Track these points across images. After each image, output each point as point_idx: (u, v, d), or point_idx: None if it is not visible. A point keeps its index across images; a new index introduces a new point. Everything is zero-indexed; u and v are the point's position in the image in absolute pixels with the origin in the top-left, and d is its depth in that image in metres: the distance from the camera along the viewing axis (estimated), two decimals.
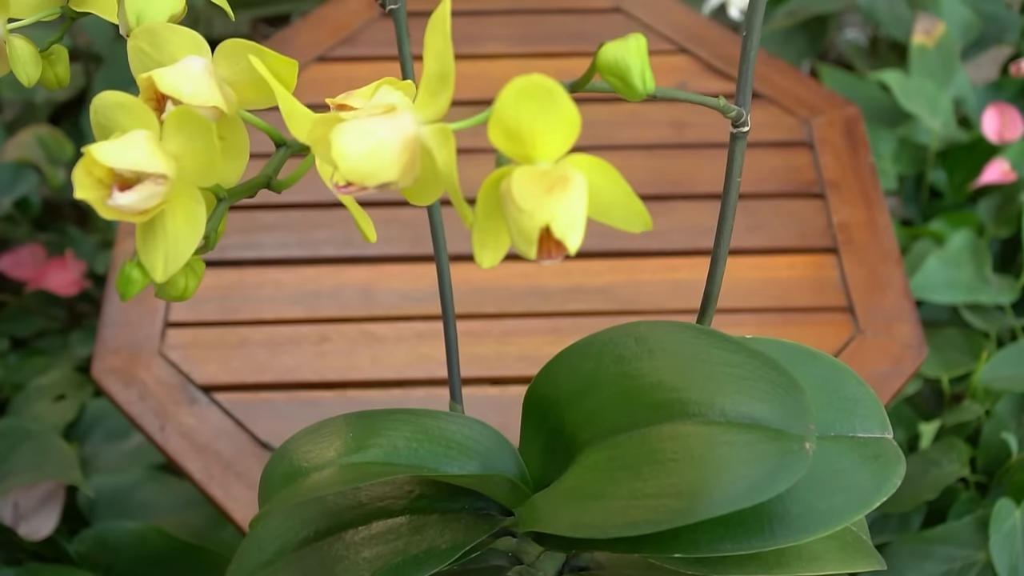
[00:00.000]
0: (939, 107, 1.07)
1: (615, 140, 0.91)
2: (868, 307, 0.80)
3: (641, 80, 0.34)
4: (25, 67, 0.46)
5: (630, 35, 0.34)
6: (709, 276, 0.45)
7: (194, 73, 0.36)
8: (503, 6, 1.03)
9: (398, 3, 0.45)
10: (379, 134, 0.33)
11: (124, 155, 0.34)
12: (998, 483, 0.85)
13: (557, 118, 0.31)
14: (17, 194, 1.09)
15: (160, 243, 0.37)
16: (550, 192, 0.30)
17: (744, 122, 0.39)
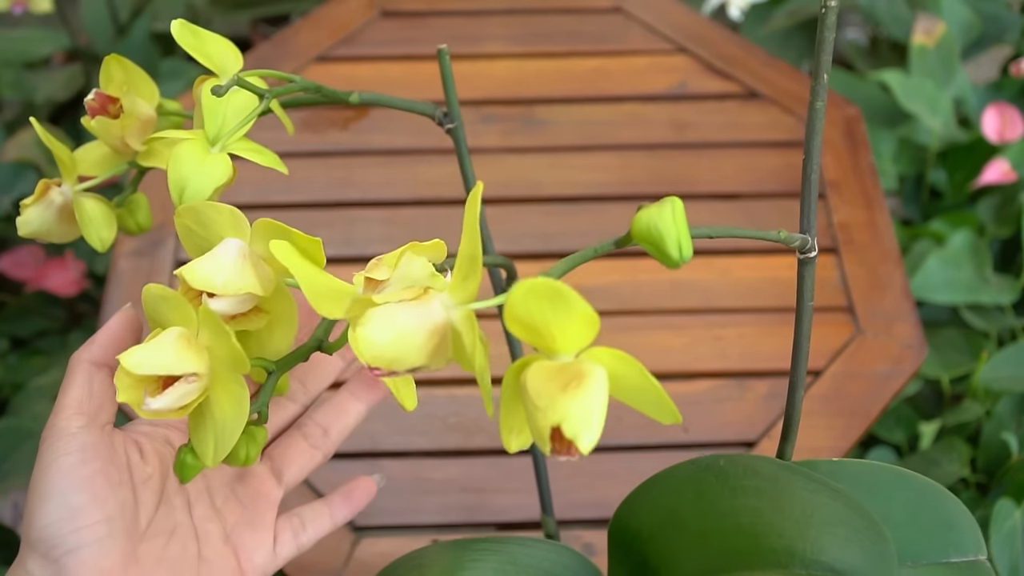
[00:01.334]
0: (939, 107, 1.07)
1: (615, 140, 0.91)
2: (868, 307, 0.80)
3: (677, 248, 0.33)
4: (98, 230, 0.44)
5: (667, 200, 0.33)
6: (788, 401, 0.42)
7: (226, 262, 0.37)
8: (503, 6, 1.03)
9: (455, 123, 0.45)
10: (404, 322, 0.32)
11: (152, 361, 0.34)
12: (998, 483, 0.85)
13: (571, 317, 0.30)
14: (17, 194, 1.09)
15: (209, 428, 0.37)
16: (564, 390, 0.29)
17: (811, 248, 0.37)
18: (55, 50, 1.26)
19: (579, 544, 0.69)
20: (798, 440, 0.74)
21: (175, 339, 0.35)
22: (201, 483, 0.42)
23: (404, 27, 1.01)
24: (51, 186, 0.45)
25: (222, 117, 0.41)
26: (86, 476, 0.37)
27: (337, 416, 0.47)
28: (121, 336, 0.40)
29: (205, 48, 0.42)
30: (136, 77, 0.44)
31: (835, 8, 0.33)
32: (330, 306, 0.36)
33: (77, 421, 0.38)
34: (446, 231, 0.86)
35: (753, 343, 0.78)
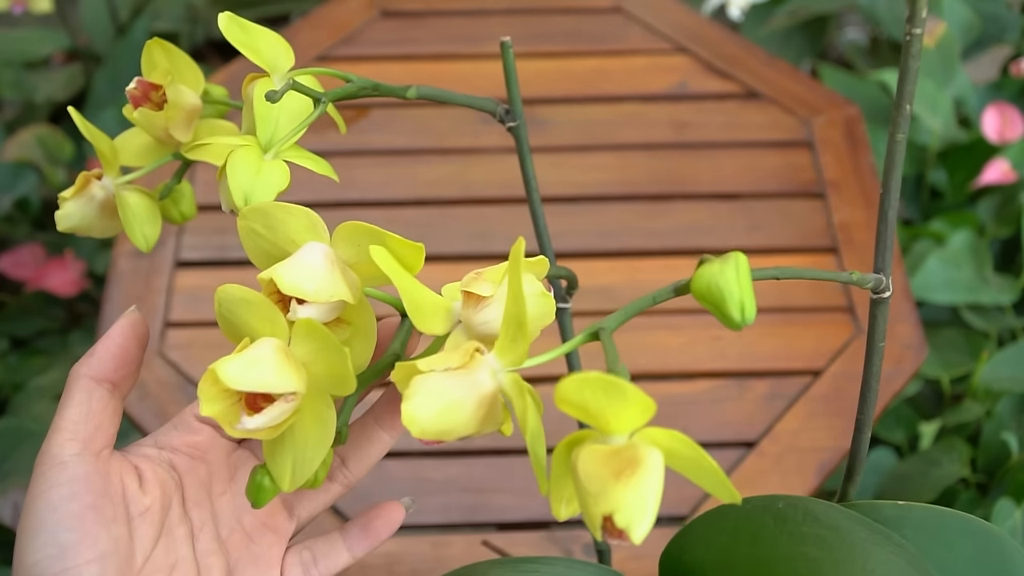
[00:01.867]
0: (939, 107, 1.07)
1: (616, 140, 0.91)
2: (868, 307, 0.80)
3: (739, 310, 0.31)
4: (142, 227, 0.41)
5: (730, 256, 0.31)
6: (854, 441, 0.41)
7: (315, 268, 0.34)
8: (503, 6, 1.03)
9: (517, 121, 0.42)
10: (451, 394, 0.30)
11: (253, 377, 0.31)
12: (998, 483, 0.85)
13: (626, 405, 0.29)
14: (17, 194, 1.09)
15: (288, 450, 0.34)
16: (617, 477, 0.28)
17: (884, 288, 0.36)
18: (55, 50, 1.26)
19: (579, 544, 0.69)
20: (798, 439, 0.74)
21: (274, 352, 0.32)
22: (207, 512, 0.39)
23: (404, 27, 1.01)
24: (91, 179, 0.42)
25: (275, 122, 0.38)
26: (76, 512, 0.34)
27: (359, 444, 0.41)
28: (124, 347, 0.37)
29: (255, 44, 0.39)
30: (180, 63, 0.41)
31: (920, 36, 0.31)
32: (432, 322, 0.34)
33: (71, 448, 0.35)
34: (446, 231, 0.86)
35: (752, 343, 0.78)
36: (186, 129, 0.41)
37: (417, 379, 0.30)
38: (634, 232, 0.85)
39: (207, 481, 0.39)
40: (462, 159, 0.90)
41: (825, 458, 0.72)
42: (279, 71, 0.39)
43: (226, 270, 0.83)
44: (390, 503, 0.43)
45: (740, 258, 0.31)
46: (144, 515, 0.37)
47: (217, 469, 0.40)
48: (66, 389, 0.37)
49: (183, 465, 0.39)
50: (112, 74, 1.20)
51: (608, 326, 0.32)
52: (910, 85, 0.32)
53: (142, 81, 0.41)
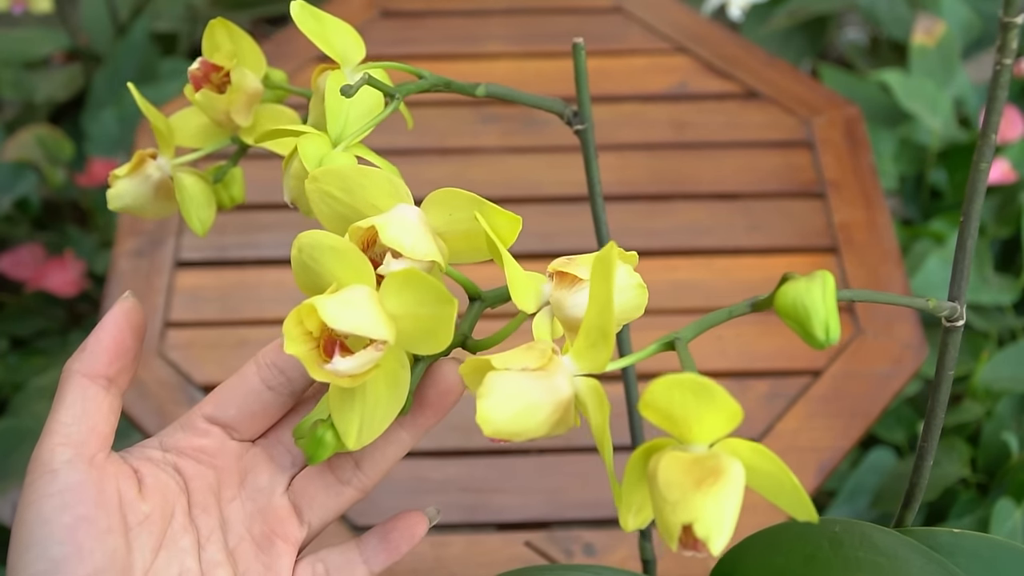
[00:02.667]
0: (939, 107, 1.07)
1: (616, 139, 0.91)
2: (868, 307, 0.80)
3: (824, 330, 0.30)
4: (199, 211, 0.41)
5: (817, 274, 0.30)
6: (915, 469, 0.40)
7: (413, 224, 0.33)
8: (503, 6, 1.03)
9: (585, 124, 0.42)
10: (529, 396, 0.29)
11: (351, 318, 0.31)
12: (998, 483, 0.85)
13: (715, 410, 0.28)
14: (17, 194, 1.09)
15: (358, 408, 0.33)
16: (699, 486, 0.27)
17: (959, 316, 0.35)
18: (55, 50, 1.26)
19: (579, 544, 0.69)
20: (797, 439, 0.74)
21: (368, 299, 0.31)
22: (215, 519, 0.36)
23: (404, 27, 1.01)
24: (146, 158, 0.40)
25: (345, 116, 0.37)
26: (68, 524, 0.32)
27: (375, 445, 0.37)
28: (118, 338, 0.35)
29: (327, 34, 0.38)
30: (244, 45, 0.40)
31: (1010, 66, 0.31)
32: (526, 296, 0.33)
33: (62, 453, 0.33)
34: None
35: (753, 343, 0.78)
36: (247, 113, 0.40)
37: (493, 377, 0.29)
38: (634, 232, 0.85)
39: (215, 486, 0.37)
40: (462, 159, 0.90)
41: (825, 458, 0.72)
42: (350, 63, 0.39)
43: (225, 270, 0.83)
44: (412, 513, 0.40)
45: (827, 277, 0.30)
46: (143, 524, 0.34)
47: (226, 474, 0.37)
48: (59, 388, 0.35)
49: (189, 469, 0.37)
50: (112, 74, 1.20)
51: (684, 336, 0.32)
52: (996, 115, 0.31)
53: (205, 62, 0.40)
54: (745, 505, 0.28)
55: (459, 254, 0.35)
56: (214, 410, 0.37)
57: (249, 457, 0.38)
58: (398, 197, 0.34)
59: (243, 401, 0.37)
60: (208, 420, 0.37)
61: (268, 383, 0.37)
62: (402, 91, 0.38)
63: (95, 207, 1.14)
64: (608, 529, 0.69)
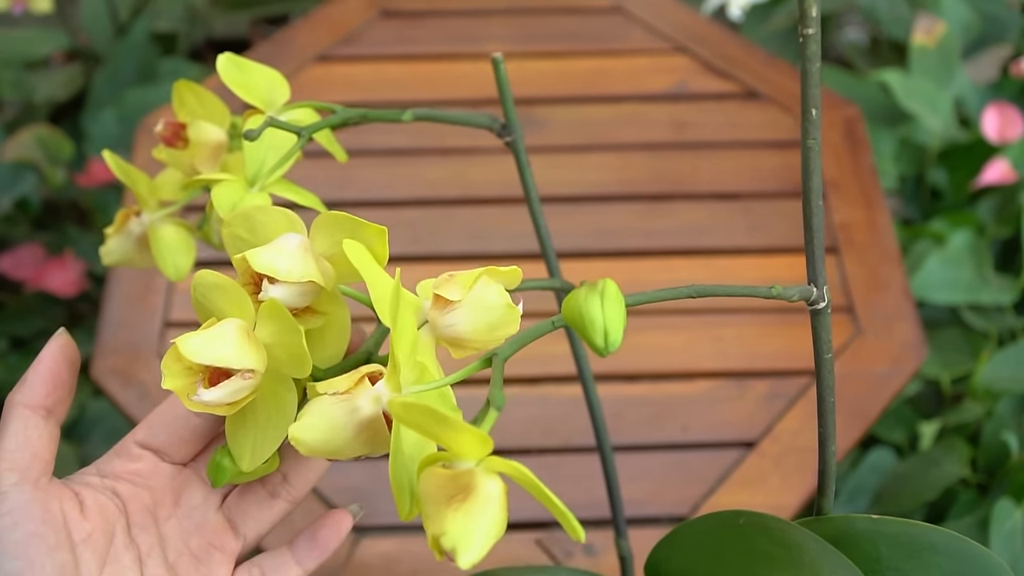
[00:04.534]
0: (939, 107, 1.07)
1: (615, 139, 0.91)
2: (868, 307, 0.80)
3: (602, 337, 0.32)
4: (173, 258, 0.43)
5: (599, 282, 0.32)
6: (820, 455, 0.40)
7: (289, 249, 0.35)
8: (503, 6, 1.03)
9: (513, 135, 0.44)
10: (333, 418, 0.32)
11: (211, 351, 0.33)
12: (998, 483, 0.85)
13: (460, 434, 0.29)
14: (17, 194, 1.09)
15: (250, 432, 0.36)
16: (449, 502, 0.29)
17: (818, 298, 0.35)
18: (55, 50, 1.26)
19: (578, 545, 0.69)
20: (797, 439, 0.74)
21: (235, 330, 0.34)
22: (154, 536, 0.39)
23: (404, 27, 1.01)
24: (130, 215, 0.44)
25: (262, 156, 0.40)
26: (19, 540, 0.35)
27: (298, 460, 0.42)
28: (54, 371, 0.38)
29: (250, 81, 0.40)
30: (206, 101, 0.43)
31: (813, 37, 0.31)
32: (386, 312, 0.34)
33: (8, 478, 0.36)
34: (447, 231, 0.86)
35: (752, 343, 0.78)
36: (213, 164, 0.42)
37: (311, 402, 0.32)
38: (634, 232, 0.85)
39: (151, 506, 0.40)
40: (462, 159, 0.90)
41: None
42: (274, 106, 0.41)
43: (226, 270, 0.83)
44: (337, 512, 0.43)
45: (608, 285, 0.32)
46: (87, 541, 0.37)
47: (161, 494, 0.40)
48: (3, 418, 0.37)
49: (126, 492, 0.39)
50: (112, 74, 1.20)
51: (502, 353, 0.33)
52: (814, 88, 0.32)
53: (169, 122, 0.42)
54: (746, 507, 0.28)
55: (350, 276, 0.37)
56: (145, 436, 0.40)
57: (182, 478, 0.41)
58: (292, 228, 0.36)
59: (172, 427, 0.40)
60: (140, 445, 0.40)
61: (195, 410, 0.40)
62: (308, 130, 0.40)
63: (95, 207, 1.14)
64: (608, 529, 0.69)
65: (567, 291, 0.43)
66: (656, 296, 0.34)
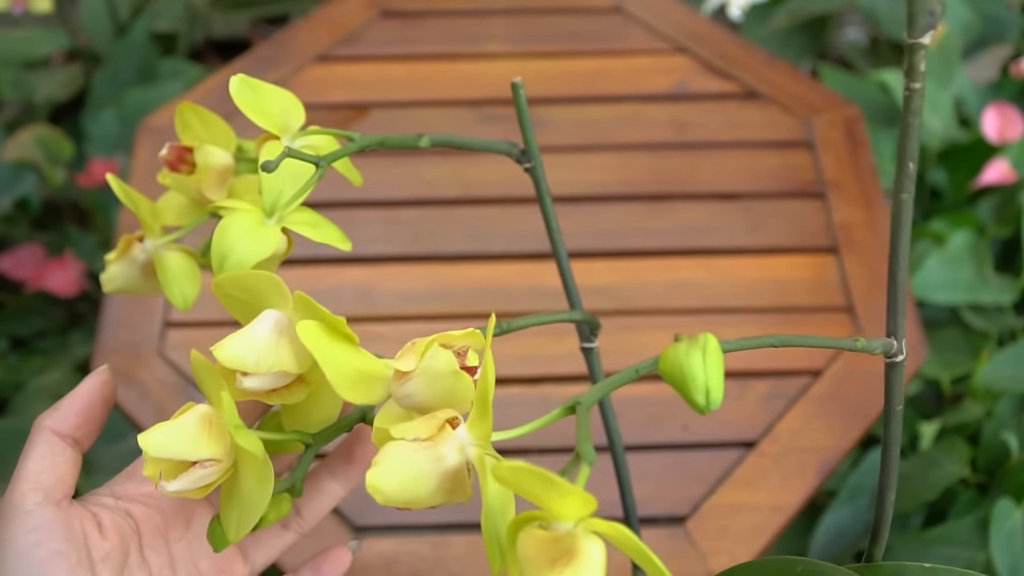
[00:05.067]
0: (939, 107, 1.07)
1: (616, 139, 0.91)
2: (868, 307, 0.80)
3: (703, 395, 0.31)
4: (180, 286, 0.43)
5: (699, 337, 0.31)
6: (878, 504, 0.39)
7: (259, 339, 0.35)
8: (503, 6, 1.03)
9: (532, 162, 0.42)
10: (416, 467, 0.31)
11: (169, 446, 0.34)
12: (998, 483, 0.85)
13: (564, 496, 0.28)
14: (17, 194, 1.09)
15: (235, 504, 0.36)
16: (552, 565, 0.28)
17: (897, 351, 0.35)
18: (55, 50, 1.26)
19: None
20: (797, 439, 0.74)
21: (197, 421, 0.35)
22: (165, 558, 0.41)
23: (404, 27, 1.01)
24: (133, 242, 0.43)
25: (279, 186, 0.39)
26: (43, 558, 0.36)
27: (311, 496, 0.44)
28: (90, 406, 0.39)
29: (264, 105, 0.40)
30: (212, 124, 0.43)
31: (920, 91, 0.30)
32: (359, 392, 0.34)
33: (33, 498, 0.37)
34: (447, 231, 0.86)
35: None
36: (220, 188, 0.42)
37: (387, 446, 0.31)
38: (634, 232, 0.85)
39: (163, 528, 0.41)
40: (462, 159, 0.90)
41: (825, 458, 0.72)
42: (289, 131, 0.40)
43: None
44: (337, 548, 0.45)
45: (709, 340, 0.31)
46: (105, 560, 0.38)
47: (172, 517, 0.41)
48: (29, 439, 0.38)
49: (139, 513, 0.40)
50: (112, 74, 1.20)
51: (585, 401, 0.32)
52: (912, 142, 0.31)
53: (174, 146, 0.42)
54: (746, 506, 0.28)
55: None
56: None
57: (193, 503, 0.42)
58: (279, 296, 0.36)
59: None
60: None
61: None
62: (327, 160, 0.39)
63: (95, 207, 1.14)
64: None
65: (590, 324, 0.43)
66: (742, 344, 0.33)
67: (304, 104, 0.41)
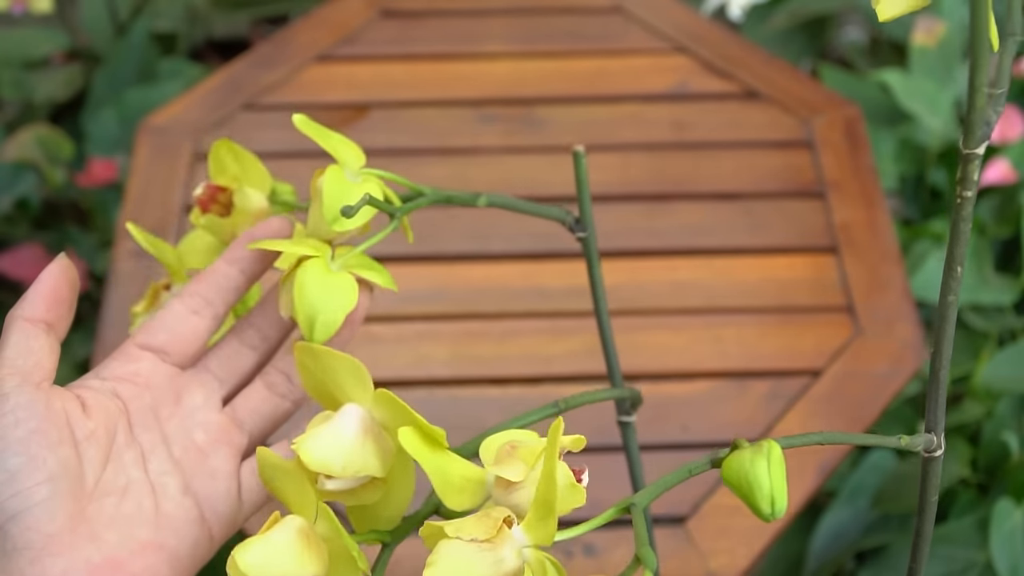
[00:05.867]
0: (939, 107, 1.07)
1: (615, 140, 0.91)
2: (868, 307, 0.80)
3: (769, 504, 0.31)
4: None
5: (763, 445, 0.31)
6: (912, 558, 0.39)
7: (346, 440, 0.34)
8: (503, 6, 1.03)
9: (587, 231, 0.42)
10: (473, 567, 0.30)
11: (271, 568, 0.32)
12: (999, 483, 0.85)
13: None
14: (17, 194, 1.09)
15: None
16: None
17: (936, 446, 0.35)
18: (55, 50, 1.26)
19: (579, 544, 0.69)
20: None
21: (295, 537, 0.33)
22: (157, 435, 0.40)
23: (404, 27, 1.01)
24: (160, 290, 0.42)
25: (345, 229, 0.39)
26: (21, 437, 0.35)
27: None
28: (55, 288, 0.39)
29: (329, 142, 0.40)
30: (247, 164, 0.42)
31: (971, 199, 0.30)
32: (462, 499, 0.33)
33: (10, 381, 0.36)
34: (447, 232, 0.86)
35: (753, 343, 0.78)
36: None
37: (443, 545, 0.30)
38: (634, 232, 0.85)
39: (153, 406, 0.40)
40: (462, 159, 0.90)
41: (825, 458, 0.72)
42: (349, 167, 0.41)
43: None
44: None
45: (773, 449, 0.31)
46: (90, 439, 0.37)
47: (161, 394, 0.41)
48: (3, 331, 0.38)
49: (126, 392, 0.40)
50: (112, 74, 1.20)
51: (640, 503, 0.32)
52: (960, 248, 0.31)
53: (210, 185, 0.41)
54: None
55: None
56: (145, 338, 0.41)
57: (182, 380, 0.41)
58: (360, 384, 0.35)
59: (171, 327, 0.41)
60: (140, 347, 0.41)
61: (192, 309, 0.41)
62: (402, 211, 0.39)
63: (95, 207, 1.14)
64: (608, 529, 0.69)
65: (633, 400, 0.43)
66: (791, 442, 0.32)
67: (304, 105, 0.41)
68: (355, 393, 0.35)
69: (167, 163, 0.88)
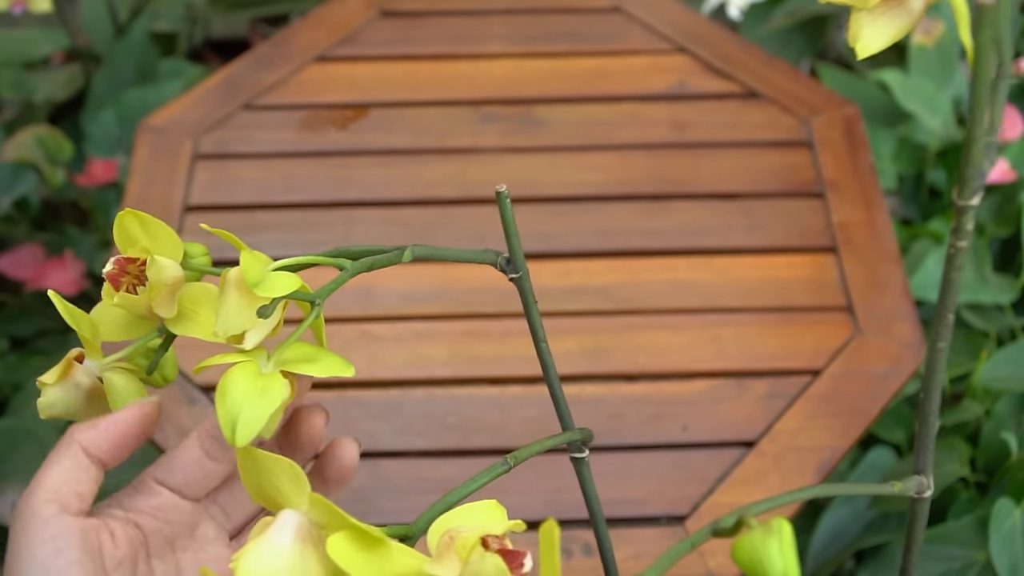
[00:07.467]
0: (939, 107, 1.07)
1: (615, 140, 0.92)
2: (868, 307, 0.80)
3: None
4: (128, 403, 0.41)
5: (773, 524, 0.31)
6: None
7: (282, 554, 0.33)
8: (503, 6, 1.03)
9: (520, 272, 0.41)
10: None
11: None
12: (998, 483, 0.85)
13: None
14: (16, 194, 1.09)
15: None
16: None
17: (925, 488, 0.35)
18: (54, 50, 1.26)
19: (579, 544, 0.69)
20: (797, 439, 0.74)
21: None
22: (172, 566, 0.42)
23: (404, 27, 1.01)
24: (73, 363, 0.40)
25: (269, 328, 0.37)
26: (61, 567, 0.37)
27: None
28: (127, 433, 0.40)
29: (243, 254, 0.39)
30: (157, 232, 0.40)
31: (964, 249, 0.30)
32: None
33: (48, 508, 0.38)
34: (446, 231, 0.86)
35: (752, 343, 0.78)
36: (170, 304, 0.39)
37: None
38: (633, 232, 0.85)
39: (170, 538, 0.42)
40: (462, 159, 0.90)
41: (824, 458, 0.72)
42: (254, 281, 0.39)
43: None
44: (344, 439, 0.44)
45: (783, 528, 0.31)
46: (118, 568, 0.39)
47: (179, 527, 0.43)
48: (57, 447, 0.39)
49: (147, 525, 0.42)
50: (112, 74, 1.20)
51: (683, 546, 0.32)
52: (952, 297, 0.31)
53: (119, 259, 0.39)
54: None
55: None
56: (164, 475, 0.42)
57: (196, 514, 0.43)
58: (296, 487, 0.34)
59: (188, 469, 0.42)
60: (158, 483, 0.42)
61: (209, 454, 0.42)
62: (322, 295, 0.38)
63: (95, 207, 1.14)
64: (608, 529, 0.69)
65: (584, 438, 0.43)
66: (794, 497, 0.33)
67: (304, 105, 0.41)
68: (293, 497, 0.34)
69: (167, 163, 0.88)
